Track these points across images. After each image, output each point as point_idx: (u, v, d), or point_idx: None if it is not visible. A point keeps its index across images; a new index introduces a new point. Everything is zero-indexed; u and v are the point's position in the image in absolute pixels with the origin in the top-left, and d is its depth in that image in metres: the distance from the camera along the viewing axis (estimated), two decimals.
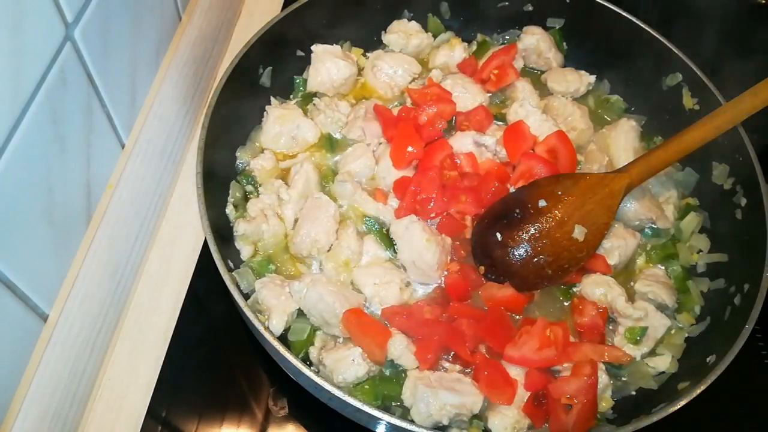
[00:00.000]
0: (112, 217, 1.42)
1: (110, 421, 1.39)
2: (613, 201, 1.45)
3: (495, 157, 1.66)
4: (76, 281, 1.31)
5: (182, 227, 1.66)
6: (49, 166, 1.17)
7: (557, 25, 1.89)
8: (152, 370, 1.45)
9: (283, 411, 1.43)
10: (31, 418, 1.19)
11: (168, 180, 1.68)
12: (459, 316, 1.40)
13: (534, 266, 1.47)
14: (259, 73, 1.68)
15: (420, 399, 1.29)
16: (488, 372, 1.34)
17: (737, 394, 1.46)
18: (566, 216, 1.46)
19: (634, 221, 1.59)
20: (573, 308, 1.49)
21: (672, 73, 1.71)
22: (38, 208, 1.16)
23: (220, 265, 1.28)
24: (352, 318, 1.35)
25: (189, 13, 1.75)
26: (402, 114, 1.68)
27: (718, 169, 1.61)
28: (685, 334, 1.48)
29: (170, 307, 1.53)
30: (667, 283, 1.53)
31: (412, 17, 1.90)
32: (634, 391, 1.42)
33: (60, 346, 1.26)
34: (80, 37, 1.21)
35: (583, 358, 1.37)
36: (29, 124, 1.07)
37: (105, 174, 1.43)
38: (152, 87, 1.59)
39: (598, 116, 1.83)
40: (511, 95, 1.81)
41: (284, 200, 1.54)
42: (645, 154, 1.47)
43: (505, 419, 1.32)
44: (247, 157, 1.63)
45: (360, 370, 1.31)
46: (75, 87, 1.22)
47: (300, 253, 1.49)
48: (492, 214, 1.55)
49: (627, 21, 1.74)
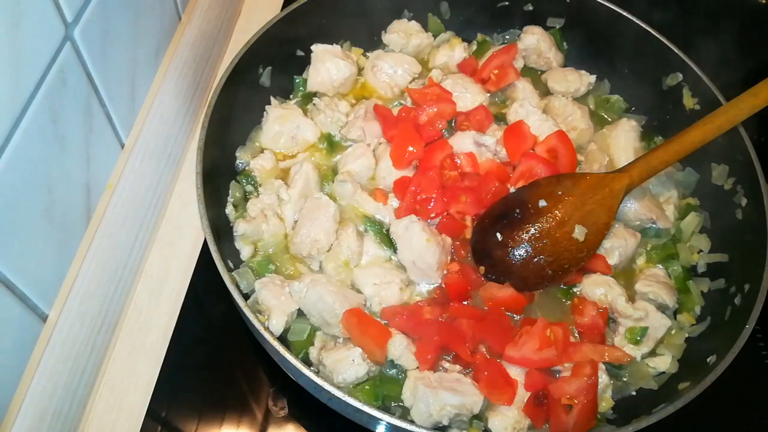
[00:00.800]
0: (112, 217, 1.41)
1: (110, 421, 1.39)
2: (614, 201, 1.45)
3: (495, 157, 1.66)
4: (76, 281, 1.31)
5: (182, 227, 1.66)
6: (48, 166, 1.16)
7: (557, 25, 1.89)
8: (152, 370, 1.45)
9: (283, 411, 1.43)
10: (31, 418, 1.19)
11: (168, 180, 1.67)
12: (459, 316, 1.40)
13: (534, 266, 1.47)
14: (259, 73, 1.68)
15: (420, 399, 1.29)
16: (488, 372, 1.34)
17: (737, 394, 1.46)
18: (566, 216, 1.46)
19: (635, 221, 1.59)
20: (573, 308, 1.49)
21: (672, 73, 1.71)
22: (38, 208, 1.16)
23: (219, 265, 1.27)
24: (352, 318, 1.35)
25: (189, 13, 1.75)
26: (402, 114, 1.68)
27: (719, 169, 1.61)
28: (685, 334, 1.48)
29: (170, 307, 1.53)
30: (668, 283, 1.53)
31: (412, 17, 1.90)
32: (634, 392, 1.42)
33: (60, 346, 1.26)
34: (80, 37, 1.21)
35: (583, 359, 1.37)
36: (29, 124, 1.07)
37: (105, 174, 1.43)
38: (152, 87, 1.58)
39: (598, 116, 1.83)
40: (511, 95, 1.81)
41: (284, 200, 1.54)
42: (645, 154, 1.47)
43: (505, 419, 1.31)
44: (247, 157, 1.63)
45: (360, 370, 1.31)
46: (75, 87, 1.22)
47: (300, 253, 1.49)
48: (492, 214, 1.54)
49: (627, 21, 1.74)
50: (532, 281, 1.49)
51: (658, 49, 1.71)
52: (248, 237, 1.49)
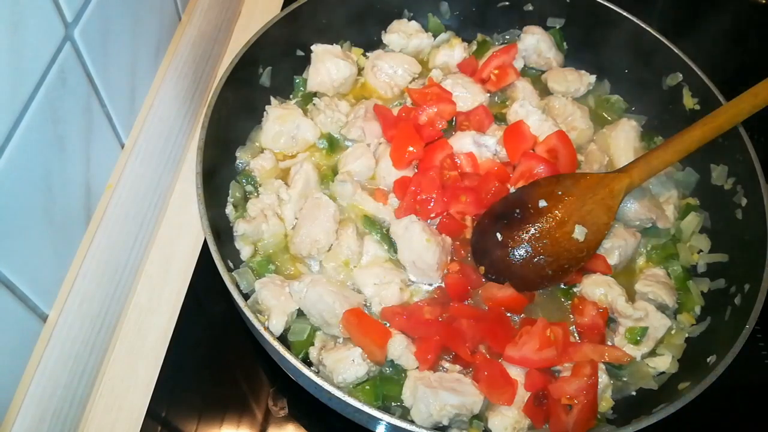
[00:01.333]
0: (111, 217, 1.41)
1: (110, 421, 1.39)
2: (614, 201, 1.45)
3: (495, 157, 1.66)
4: (76, 281, 1.31)
5: (182, 227, 1.66)
6: (48, 166, 1.16)
7: (557, 25, 1.89)
8: (152, 370, 1.45)
9: (283, 411, 1.43)
10: (31, 418, 1.19)
11: (168, 180, 1.67)
12: (459, 316, 1.40)
13: (534, 266, 1.47)
14: (259, 73, 1.68)
15: (420, 399, 1.29)
16: (488, 372, 1.34)
17: (737, 394, 1.46)
18: (566, 216, 1.46)
19: (635, 221, 1.59)
20: (573, 308, 1.49)
21: (672, 72, 1.71)
22: (38, 208, 1.16)
23: (219, 265, 1.27)
24: (352, 318, 1.35)
25: (189, 13, 1.75)
26: (402, 114, 1.68)
27: (718, 169, 1.61)
28: (685, 334, 1.48)
29: (170, 307, 1.53)
30: (668, 283, 1.53)
31: (412, 17, 1.90)
32: (634, 392, 1.42)
33: (59, 346, 1.26)
34: (80, 37, 1.20)
35: (583, 359, 1.37)
36: (29, 124, 1.07)
37: (105, 174, 1.43)
38: (152, 87, 1.58)
39: (598, 116, 1.83)
40: (511, 95, 1.81)
41: (284, 200, 1.54)
42: (645, 154, 1.47)
43: (505, 419, 1.31)
44: (247, 157, 1.63)
45: (360, 370, 1.31)
46: (75, 87, 1.22)
47: (300, 253, 1.49)
48: (492, 214, 1.54)
49: (627, 21, 1.74)
50: (532, 281, 1.49)
51: (658, 49, 1.71)
52: (248, 237, 1.49)
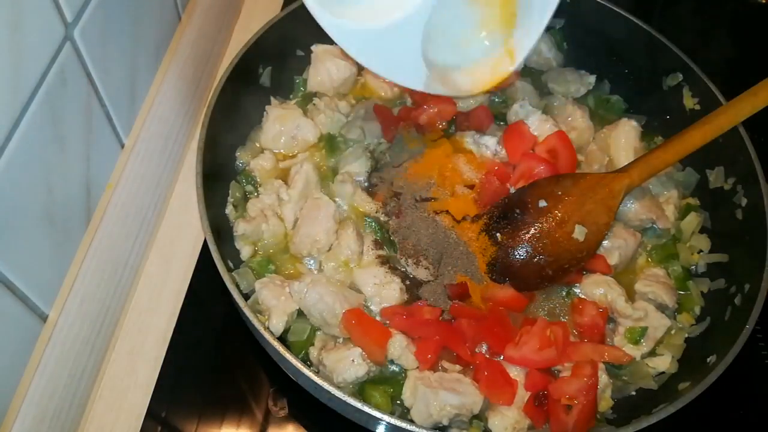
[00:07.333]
0: (111, 217, 1.41)
1: (110, 421, 1.39)
2: (614, 201, 1.45)
3: (495, 157, 1.66)
4: (76, 281, 1.31)
5: (182, 227, 1.66)
6: (48, 166, 1.16)
7: (557, 25, 1.89)
8: (152, 370, 1.44)
9: (283, 411, 1.43)
10: (31, 418, 1.19)
11: (168, 180, 1.67)
12: (459, 316, 1.40)
13: (534, 266, 1.47)
14: (259, 73, 1.68)
15: (420, 399, 1.29)
16: (488, 372, 1.34)
17: (737, 394, 1.46)
18: (566, 216, 1.46)
19: (635, 221, 1.59)
20: (573, 308, 1.49)
21: (672, 73, 1.71)
22: (38, 208, 1.15)
23: (219, 265, 1.27)
24: (352, 318, 1.35)
25: (189, 13, 1.75)
26: (402, 114, 1.68)
27: (718, 169, 1.61)
28: (685, 334, 1.48)
29: (170, 307, 1.53)
30: (668, 284, 1.52)
31: None
32: (634, 392, 1.42)
33: (59, 347, 1.26)
34: (80, 37, 1.20)
35: (583, 359, 1.37)
36: (29, 124, 1.07)
37: (105, 174, 1.43)
38: (152, 87, 1.58)
39: (598, 116, 1.83)
40: (511, 95, 1.80)
41: (284, 200, 1.54)
42: (645, 154, 1.47)
43: (505, 419, 1.31)
44: (247, 157, 1.63)
45: (360, 370, 1.31)
46: (75, 87, 1.22)
47: (300, 253, 1.49)
48: (492, 214, 1.54)
49: (627, 21, 1.73)
50: (532, 281, 1.48)
51: (658, 49, 1.71)
52: (248, 237, 1.49)
